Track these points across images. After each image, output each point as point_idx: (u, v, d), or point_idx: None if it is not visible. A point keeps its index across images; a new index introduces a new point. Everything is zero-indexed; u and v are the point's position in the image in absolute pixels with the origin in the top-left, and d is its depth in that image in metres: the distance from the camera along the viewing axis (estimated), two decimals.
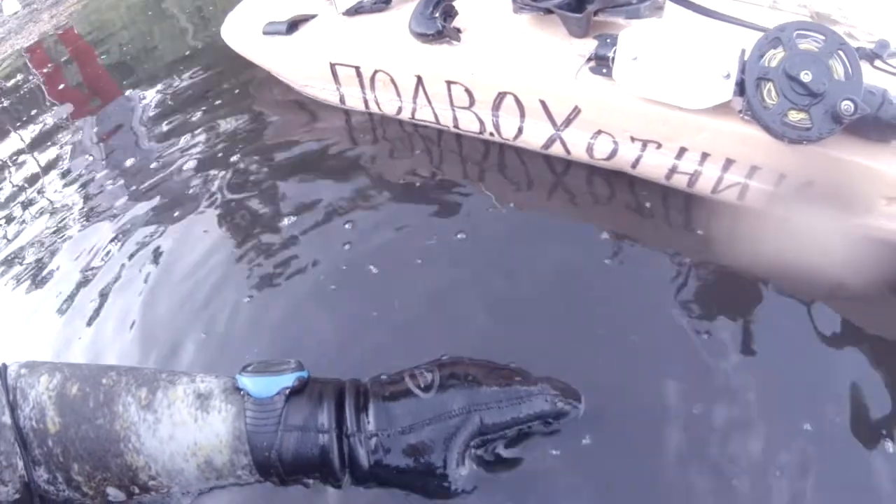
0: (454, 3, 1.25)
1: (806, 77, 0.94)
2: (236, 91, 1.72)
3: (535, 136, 1.19)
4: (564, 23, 1.17)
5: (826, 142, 0.96)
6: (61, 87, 2.25)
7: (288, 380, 0.64)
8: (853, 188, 1.04)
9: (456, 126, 1.28)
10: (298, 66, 1.45)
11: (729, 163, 1.08)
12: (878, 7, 1.38)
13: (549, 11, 1.18)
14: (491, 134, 1.24)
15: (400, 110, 1.33)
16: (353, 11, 1.40)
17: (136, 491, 0.61)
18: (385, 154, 1.34)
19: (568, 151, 1.18)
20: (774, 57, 0.97)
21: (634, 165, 1.14)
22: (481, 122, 1.23)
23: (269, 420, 0.60)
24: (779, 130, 0.96)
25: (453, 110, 1.25)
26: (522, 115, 1.17)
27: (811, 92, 0.94)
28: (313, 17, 1.49)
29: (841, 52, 0.95)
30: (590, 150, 1.15)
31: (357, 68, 1.33)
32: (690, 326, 0.95)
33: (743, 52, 0.99)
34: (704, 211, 1.13)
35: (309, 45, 1.41)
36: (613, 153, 1.14)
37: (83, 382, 0.60)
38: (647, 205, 1.15)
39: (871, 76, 1.10)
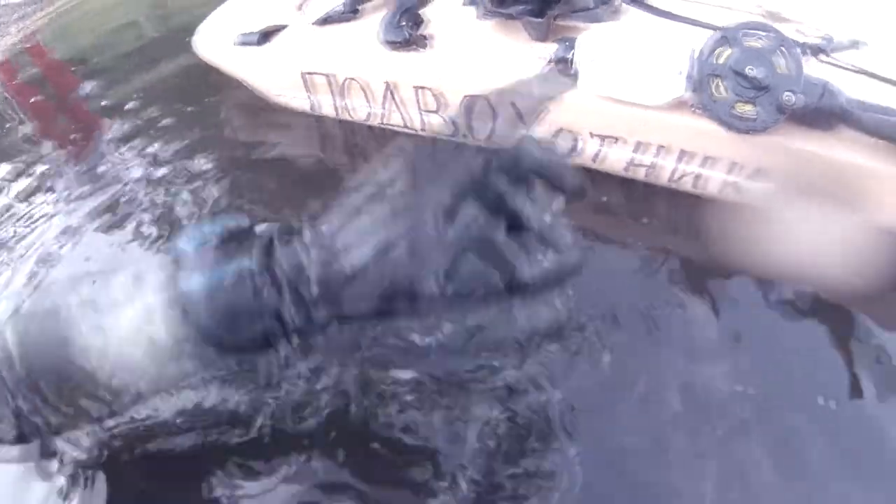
0: (421, 12, 1.30)
1: (751, 72, 1.03)
2: (206, 100, 1.74)
3: (503, 134, 1.25)
4: (526, 28, 1.24)
5: (773, 131, 1.04)
6: (32, 100, 2.25)
7: (216, 228, 0.54)
8: (800, 174, 1.12)
9: (423, 129, 1.33)
10: (271, 76, 1.49)
11: (683, 154, 1.15)
12: (825, 5, 1.47)
13: (511, 17, 1.24)
14: (464, 136, 1.29)
15: (370, 116, 1.38)
16: (323, 21, 1.45)
17: (108, 398, 0.54)
18: (356, 160, 1.38)
19: None
20: (723, 54, 1.05)
21: (595, 160, 1.21)
22: (454, 126, 1.29)
23: (198, 284, 0.50)
24: (728, 122, 1.05)
25: (422, 114, 1.30)
26: (493, 116, 1.23)
27: (756, 85, 1.03)
28: (284, 27, 1.53)
29: (783, 49, 1.04)
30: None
31: (328, 76, 1.37)
32: (667, 318, 1.00)
33: (694, 50, 1.07)
34: (659, 202, 1.21)
35: (281, 55, 1.46)
36: (575, 149, 1.21)
37: (36, 298, 0.56)
38: (604, 199, 1.22)
39: (817, 69, 1.18)
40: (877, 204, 1.10)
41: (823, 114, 1.05)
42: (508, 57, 1.23)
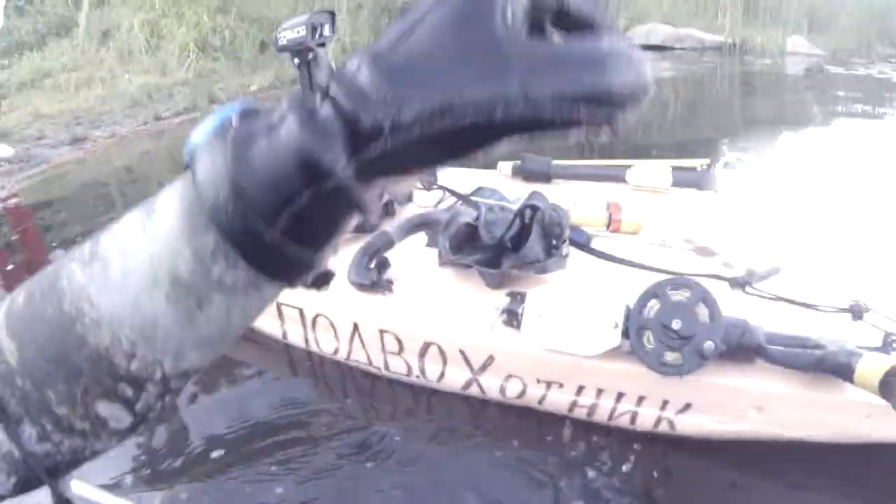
0: (387, 256, 1.46)
1: (677, 325, 1.18)
2: None
3: (455, 380, 1.37)
4: (482, 276, 1.40)
5: (700, 370, 1.17)
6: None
7: (229, 109, 0.39)
8: (727, 404, 1.25)
9: (387, 369, 1.45)
10: None
11: (620, 395, 1.29)
12: (749, 240, 1.65)
13: (469, 267, 1.40)
14: (417, 377, 1.41)
15: (337, 351, 1.50)
16: None
17: (129, 393, 0.41)
18: (321, 392, 1.49)
19: (483, 392, 1.36)
20: (652, 309, 1.20)
21: (541, 402, 1.33)
22: (409, 367, 1.41)
23: (217, 162, 0.35)
24: (658, 369, 1.18)
25: (385, 355, 1.42)
26: (445, 361, 1.36)
27: (681, 336, 1.17)
28: None
29: (704, 301, 1.19)
30: (502, 391, 1.33)
31: (301, 310, 1.50)
32: None
33: (627, 306, 1.22)
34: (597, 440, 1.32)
35: None
36: (522, 393, 1.32)
37: (28, 285, 0.42)
38: (549, 438, 1.32)
39: (741, 301, 1.38)
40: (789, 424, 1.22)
41: (742, 351, 1.20)
42: (464, 305, 1.38)
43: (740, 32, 10.13)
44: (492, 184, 1.90)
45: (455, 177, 1.88)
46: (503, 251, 1.42)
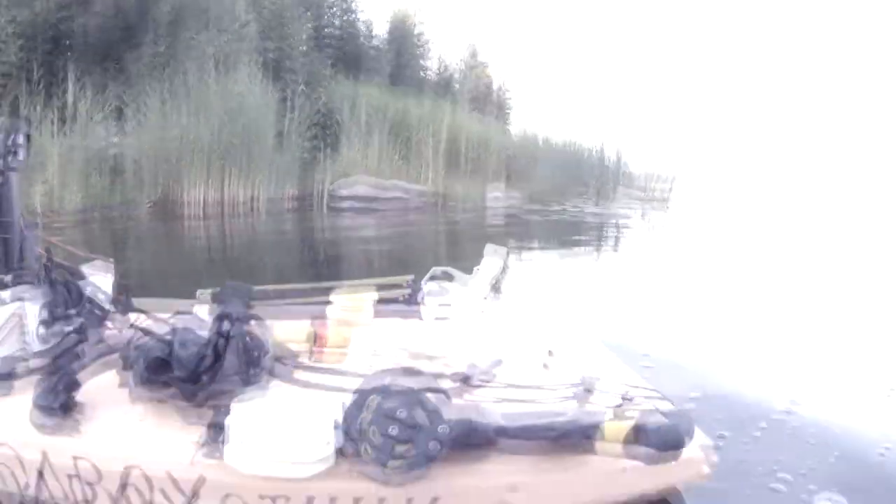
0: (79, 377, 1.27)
1: (394, 431, 1.09)
2: None
3: None
4: (178, 412, 1.24)
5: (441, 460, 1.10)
6: None
7: None
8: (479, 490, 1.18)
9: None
10: None
11: (357, 500, 1.15)
12: (465, 338, 1.67)
13: (163, 400, 1.25)
14: None
15: (27, 487, 1.24)
16: None
17: None
18: None
19: None
20: (365, 419, 1.11)
21: None
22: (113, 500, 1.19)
23: None
24: (383, 479, 1.10)
25: (83, 486, 1.20)
26: (151, 488, 1.16)
27: (402, 441, 1.08)
28: None
29: (421, 401, 1.12)
30: None
31: None
32: None
33: (336, 421, 1.12)
34: None
35: None
36: None
37: None
38: None
39: (467, 396, 1.35)
40: None
41: (479, 440, 1.14)
42: (163, 439, 1.21)
43: (443, 183, 11.26)
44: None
45: (151, 304, 1.74)
46: (199, 378, 1.29)
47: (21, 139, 1.54)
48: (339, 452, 1.11)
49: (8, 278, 1.52)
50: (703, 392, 1.87)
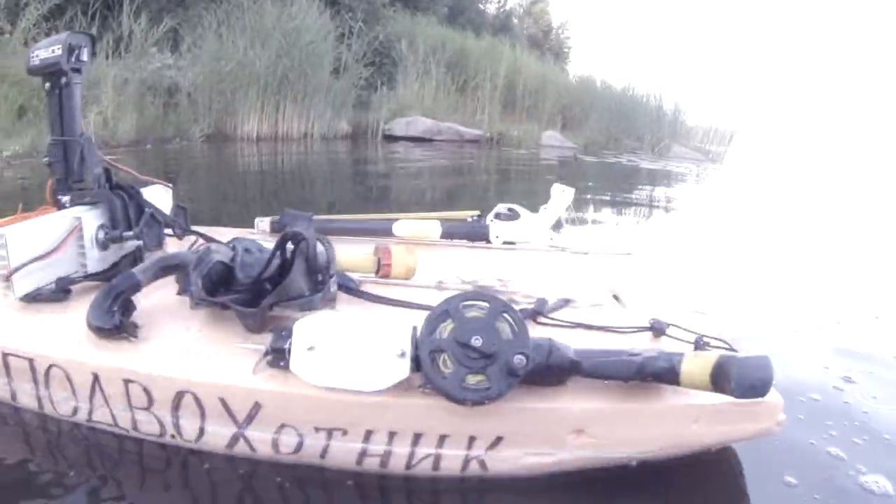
0: (133, 298, 1.19)
1: (477, 342, 1.00)
2: None
3: (217, 436, 1.11)
4: (240, 318, 1.16)
5: (508, 396, 1.01)
6: None
7: None
8: (543, 432, 1.10)
9: (135, 429, 1.16)
10: None
11: (417, 437, 1.08)
12: (532, 273, 1.58)
13: (225, 306, 1.16)
14: (172, 437, 1.14)
15: (76, 411, 1.19)
16: (31, 298, 1.30)
17: None
18: (62, 470, 1.15)
19: (253, 450, 1.10)
20: (445, 329, 1.03)
21: (323, 456, 1.10)
22: (161, 425, 1.13)
23: None
24: (459, 396, 1.00)
25: (132, 412, 1.14)
26: (203, 415, 1.10)
27: (484, 354, 1.00)
28: None
29: (505, 315, 1.04)
30: (275, 445, 1.09)
31: (31, 361, 1.19)
32: None
33: (415, 329, 1.04)
34: None
35: None
36: (299, 446, 1.09)
37: None
38: (336, 500, 1.10)
39: (538, 331, 1.24)
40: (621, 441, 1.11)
41: (554, 370, 1.06)
42: (222, 349, 1.14)
43: (498, 127, 10.82)
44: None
45: (209, 233, 1.69)
46: (262, 291, 1.21)
47: (85, 55, 1.46)
48: (414, 366, 1.02)
49: (66, 198, 1.46)
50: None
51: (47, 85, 1.45)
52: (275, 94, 8.68)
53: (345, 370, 1.03)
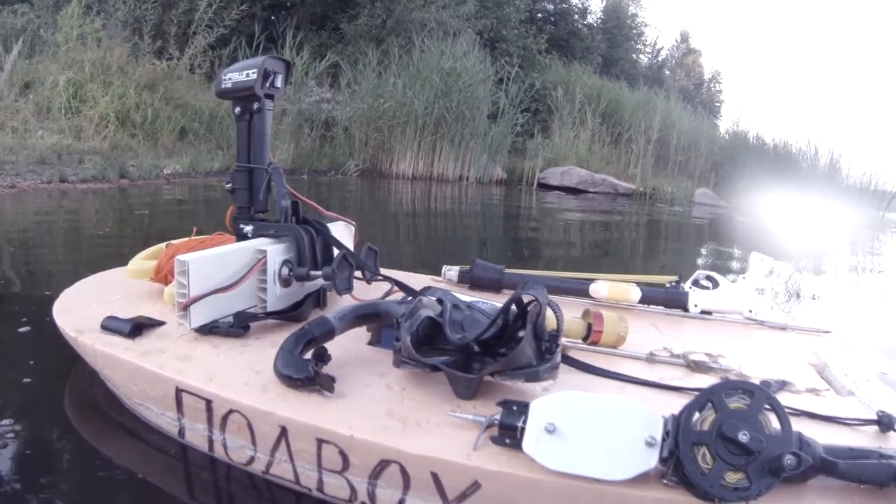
0: (326, 346, 1.09)
1: (744, 437, 0.86)
2: (48, 391, 1.38)
3: None
4: (451, 382, 1.04)
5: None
6: None
7: None
8: None
9: (320, 490, 1.04)
10: (137, 379, 1.18)
11: None
12: (735, 347, 1.43)
13: (435, 368, 1.04)
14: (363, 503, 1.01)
15: (252, 461, 1.08)
16: (208, 330, 1.20)
17: None
18: None
19: None
20: (706, 420, 0.89)
21: None
22: (353, 491, 1.00)
23: None
24: (717, 494, 0.85)
25: (320, 472, 1.02)
26: (407, 487, 0.96)
27: (748, 451, 0.86)
28: (161, 324, 1.27)
29: (769, 406, 0.89)
30: None
31: (208, 402, 1.09)
32: None
33: (666, 418, 0.91)
34: None
35: (154, 358, 1.17)
36: None
37: None
38: None
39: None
40: None
41: (804, 469, 0.88)
42: (430, 416, 1.01)
43: (651, 182, 10.67)
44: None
45: (397, 278, 1.59)
46: (471, 354, 1.10)
47: (279, 81, 1.40)
48: (661, 459, 0.89)
49: (248, 228, 1.38)
50: None
51: (237, 109, 1.39)
52: (431, 135, 8.90)
53: (586, 456, 0.89)
